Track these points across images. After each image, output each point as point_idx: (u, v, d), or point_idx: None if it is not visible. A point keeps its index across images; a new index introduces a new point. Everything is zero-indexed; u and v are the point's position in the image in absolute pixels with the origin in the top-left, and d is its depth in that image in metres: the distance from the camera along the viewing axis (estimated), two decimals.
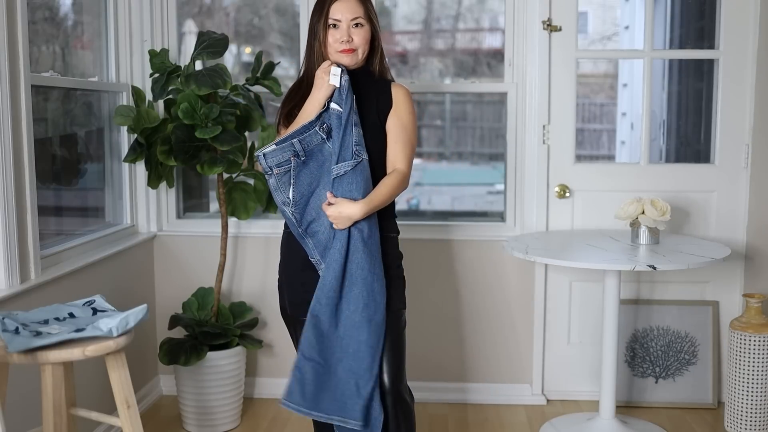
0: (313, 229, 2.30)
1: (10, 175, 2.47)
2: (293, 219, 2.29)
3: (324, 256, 2.29)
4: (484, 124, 4.21)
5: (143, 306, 2.07)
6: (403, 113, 2.32)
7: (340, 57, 2.29)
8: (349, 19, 2.27)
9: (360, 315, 2.24)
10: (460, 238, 3.53)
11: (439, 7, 3.92)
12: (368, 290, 2.24)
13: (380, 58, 2.38)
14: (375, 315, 2.24)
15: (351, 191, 2.22)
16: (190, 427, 3.25)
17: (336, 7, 2.27)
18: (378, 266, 2.27)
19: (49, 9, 3.14)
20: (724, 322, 3.51)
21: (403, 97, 2.33)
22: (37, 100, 2.80)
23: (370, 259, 2.25)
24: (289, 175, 2.29)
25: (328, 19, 2.28)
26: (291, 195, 2.28)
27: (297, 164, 2.28)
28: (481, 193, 5.62)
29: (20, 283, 2.53)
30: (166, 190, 3.59)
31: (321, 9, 2.31)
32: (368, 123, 2.29)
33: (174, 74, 3.14)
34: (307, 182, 2.29)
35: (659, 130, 4.90)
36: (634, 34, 6.35)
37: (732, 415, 3.17)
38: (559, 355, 3.59)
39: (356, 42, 2.28)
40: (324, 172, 2.29)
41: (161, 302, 3.61)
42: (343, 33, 2.27)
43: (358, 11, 2.28)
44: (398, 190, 2.31)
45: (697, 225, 3.50)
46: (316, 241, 2.30)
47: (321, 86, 2.27)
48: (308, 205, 2.30)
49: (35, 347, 1.90)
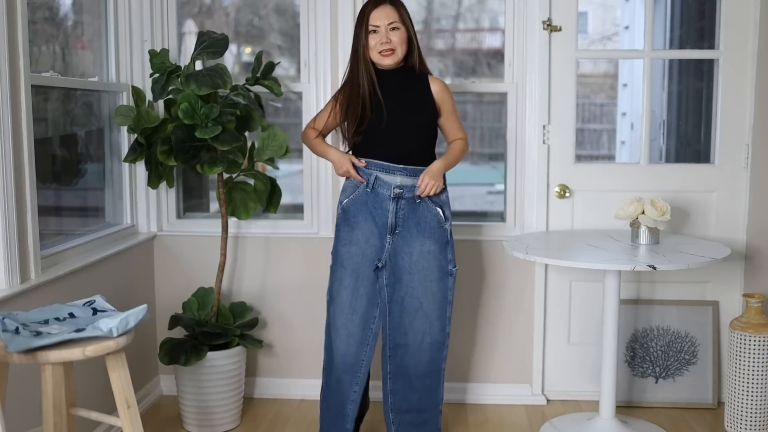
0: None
1: (10, 175, 2.47)
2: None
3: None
4: (484, 124, 4.20)
5: (143, 306, 2.07)
6: (446, 96, 2.84)
7: (381, 59, 2.72)
8: (386, 24, 2.69)
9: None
10: (460, 238, 3.53)
11: (439, 7, 3.91)
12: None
13: (418, 55, 2.79)
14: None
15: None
16: (190, 427, 3.25)
17: (374, 14, 2.68)
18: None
19: (49, 9, 3.14)
20: (724, 322, 3.51)
21: (440, 85, 2.84)
22: (37, 100, 2.80)
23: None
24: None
25: (369, 26, 2.70)
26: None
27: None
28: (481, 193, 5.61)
29: (20, 283, 2.53)
30: (166, 190, 3.59)
31: (362, 18, 2.71)
32: (416, 105, 2.78)
33: (174, 74, 3.14)
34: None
35: (659, 130, 4.90)
36: (634, 34, 6.35)
37: (732, 415, 3.17)
38: (559, 355, 3.59)
39: (394, 42, 2.70)
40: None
41: (161, 302, 3.61)
42: (382, 36, 2.69)
43: (393, 16, 2.69)
44: (465, 150, 2.92)
45: (697, 225, 3.50)
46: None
47: (339, 170, 2.83)
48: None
49: (35, 347, 1.90)
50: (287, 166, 3.97)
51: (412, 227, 2.78)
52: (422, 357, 2.83)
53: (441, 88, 2.83)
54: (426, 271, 2.79)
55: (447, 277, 2.82)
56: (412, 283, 2.79)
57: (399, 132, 2.76)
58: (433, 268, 2.79)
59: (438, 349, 2.85)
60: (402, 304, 2.79)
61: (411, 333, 2.82)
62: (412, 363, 2.84)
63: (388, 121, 2.74)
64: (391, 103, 2.76)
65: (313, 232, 3.56)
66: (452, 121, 2.88)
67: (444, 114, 2.86)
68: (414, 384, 2.85)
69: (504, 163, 3.62)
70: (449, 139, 2.91)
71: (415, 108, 2.79)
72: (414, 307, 2.80)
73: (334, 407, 2.91)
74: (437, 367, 2.87)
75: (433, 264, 2.79)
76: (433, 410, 2.90)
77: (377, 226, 2.79)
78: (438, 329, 2.83)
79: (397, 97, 2.77)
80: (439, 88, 2.83)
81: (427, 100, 2.80)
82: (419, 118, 2.80)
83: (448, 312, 2.84)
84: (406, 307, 2.80)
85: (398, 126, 2.76)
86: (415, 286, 2.79)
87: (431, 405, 2.89)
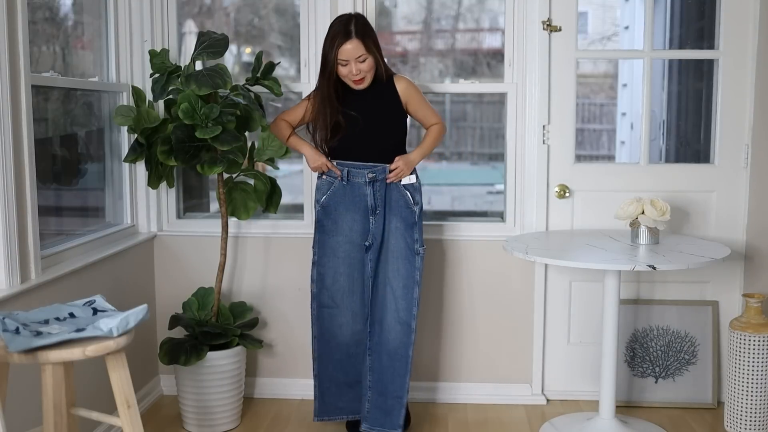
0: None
1: (10, 175, 2.47)
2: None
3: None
4: (484, 124, 4.20)
5: (143, 306, 2.07)
6: (412, 91, 3.03)
7: (353, 84, 2.94)
8: (354, 57, 2.88)
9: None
10: (460, 238, 3.53)
11: (439, 7, 3.92)
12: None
13: (384, 68, 2.98)
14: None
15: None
16: (190, 427, 3.26)
17: (343, 50, 2.86)
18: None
19: (49, 9, 3.14)
20: (724, 322, 3.51)
21: (404, 83, 3.03)
22: (37, 100, 2.80)
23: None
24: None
25: (338, 59, 2.88)
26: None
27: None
28: (481, 193, 5.61)
29: (20, 283, 2.53)
30: (166, 190, 3.59)
31: (332, 47, 2.88)
32: (385, 112, 3.00)
33: (174, 74, 3.14)
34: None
35: (659, 130, 4.90)
36: (634, 34, 6.34)
37: (732, 414, 3.17)
38: (559, 355, 3.59)
39: (363, 71, 2.91)
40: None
41: (161, 302, 3.61)
42: (351, 68, 2.89)
43: (360, 50, 2.87)
44: (442, 133, 3.14)
45: (697, 225, 3.51)
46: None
47: (313, 164, 3.03)
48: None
49: (35, 347, 1.90)
50: (287, 166, 3.98)
51: (385, 207, 3.03)
52: (392, 335, 3.03)
53: (405, 86, 3.03)
54: (394, 248, 3.02)
55: (414, 256, 3.02)
56: (386, 259, 3.03)
57: (370, 138, 3.00)
58: (401, 246, 3.02)
59: (405, 333, 3.02)
60: (376, 279, 3.04)
61: (383, 309, 3.04)
62: (384, 340, 3.04)
63: (360, 130, 2.98)
64: (363, 113, 2.98)
65: (313, 232, 3.56)
66: (424, 111, 3.09)
67: (414, 107, 3.06)
68: (384, 364, 3.05)
69: (504, 163, 3.62)
70: (425, 126, 3.14)
71: (384, 115, 3.01)
72: (384, 282, 3.04)
73: (343, 381, 3.12)
74: (404, 353, 3.03)
75: (401, 242, 3.02)
76: (397, 400, 3.03)
77: (359, 212, 3.03)
78: (404, 308, 3.01)
79: (368, 108, 2.99)
80: (403, 86, 3.02)
81: (396, 104, 3.01)
82: (389, 124, 3.03)
83: (415, 293, 3.02)
84: (380, 283, 3.04)
85: (370, 134, 3.00)
86: (387, 263, 3.03)
87: (396, 392, 3.03)
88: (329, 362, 3.13)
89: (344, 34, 2.88)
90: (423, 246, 3.04)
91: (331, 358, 3.12)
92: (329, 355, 3.12)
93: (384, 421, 3.05)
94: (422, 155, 3.09)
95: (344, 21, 2.92)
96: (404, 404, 3.05)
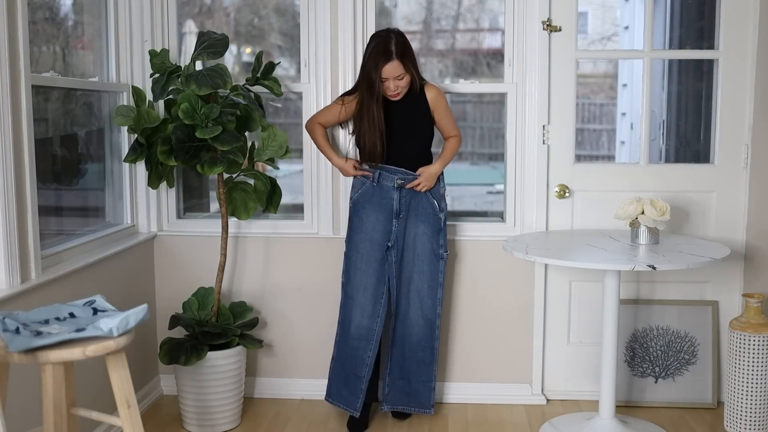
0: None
1: (10, 175, 2.47)
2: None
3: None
4: (484, 124, 4.21)
5: (143, 306, 2.07)
6: (440, 100, 3.21)
7: (391, 97, 3.11)
8: (394, 76, 3.05)
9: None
10: (460, 237, 3.53)
11: (439, 7, 3.92)
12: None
13: (418, 80, 3.15)
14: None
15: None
16: (190, 426, 3.26)
17: (385, 69, 3.03)
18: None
19: (49, 9, 3.14)
20: (724, 322, 3.51)
21: (434, 91, 3.20)
22: (37, 100, 2.80)
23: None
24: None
25: (380, 76, 3.04)
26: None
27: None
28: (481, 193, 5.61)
29: (20, 283, 2.53)
30: (166, 190, 3.59)
31: (375, 65, 3.03)
32: (417, 120, 3.18)
33: (174, 74, 3.14)
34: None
35: (659, 130, 4.90)
36: (634, 34, 6.34)
37: (732, 414, 3.17)
38: (558, 355, 3.59)
39: (401, 87, 3.09)
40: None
41: (161, 302, 3.61)
42: (390, 84, 3.07)
43: (399, 70, 3.05)
44: (459, 145, 3.33)
45: (697, 225, 3.51)
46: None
47: (345, 174, 3.29)
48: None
49: (36, 347, 1.90)
50: (287, 166, 3.98)
51: (411, 213, 3.22)
52: (416, 329, 3.27)
53: (435, 94, 3.20)
54: (420, 251, 3.23)
55: (438, 260, 3.24)
56: (410, 261, 3.24)
57: (403, 145, 3.18)
58: (427, 249, 3.22)
59: (430, 327, 3.27)
60: (401, 278, 3.24)
61: (408, 306, 3.26)
62: (407, 333, 3.28)
63: (394, 137, 3.16)
64: (397, 122, 3.16)
65: (313, 232, 3.57)
66: (446, 121, 3.26)
67: (438, 115, 3.23)
68: (407, 354, 3.29)
69: (504, 163, 3.62)
70: (444, 136, 3.30)
71: (416, 123, 3.20)
72: (409, 281, 3.25)
73: (348, 371, 3.26)
74: (430, 344, 3.28)
75: (427, 246, 3.22)
76: (424, 384, 3.29)
77: (383, 213, 3.21)
78: (429, 307, 3.25)
79: (402, 117, 3.17)
80: (433, 94, 3.20)
81: (426, 112, 3.20)
82: (420, 131, 3.21)
83: (439, 293, 3.26)
84: (404, 282, 3.25)
85: (402, 141, 3.18)
86: (412, 264, 3.24)
87: (422, 378, 3.29)
88: (342, 349, 3.30)
89: (386, 55, 3.02)
90: (447, 251, 3.26)
91: (344, 345, 3.29)
92: (345, 341, 3.28)
93: (408, 401, 3.30)
94: (442, 166, 3.25)
95: (384, 40, 3.04)
96: (433, 388, 3.29)
